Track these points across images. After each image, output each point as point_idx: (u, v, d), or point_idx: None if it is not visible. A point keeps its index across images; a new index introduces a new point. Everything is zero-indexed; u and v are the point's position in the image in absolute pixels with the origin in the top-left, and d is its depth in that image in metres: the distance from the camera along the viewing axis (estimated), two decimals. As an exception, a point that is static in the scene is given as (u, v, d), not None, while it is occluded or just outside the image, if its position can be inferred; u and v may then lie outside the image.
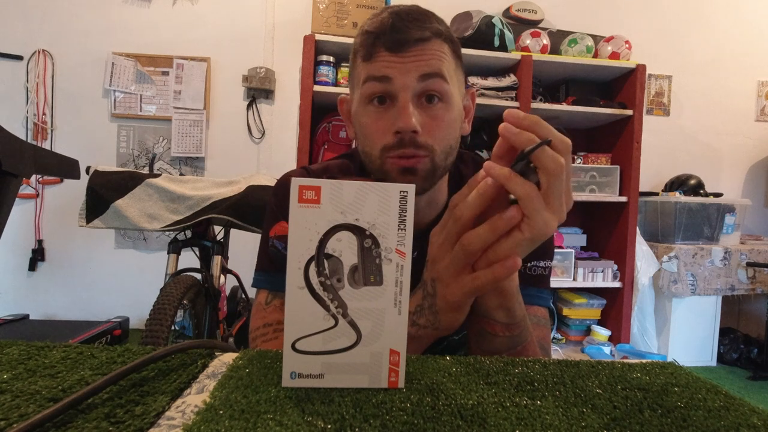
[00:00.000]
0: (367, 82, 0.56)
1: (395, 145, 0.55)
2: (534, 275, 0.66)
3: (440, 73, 0.55)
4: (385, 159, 0.57)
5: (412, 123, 0.53)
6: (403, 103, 0.54)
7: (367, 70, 0.56)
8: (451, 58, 0.58)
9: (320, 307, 0.35)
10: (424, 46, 0.55)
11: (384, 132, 0.56)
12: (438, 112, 0.56)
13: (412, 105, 0.55)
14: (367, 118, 0.58)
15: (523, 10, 2.62)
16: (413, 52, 0.55)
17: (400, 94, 0.55)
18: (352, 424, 0.29)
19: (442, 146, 0.57)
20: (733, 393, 0.38)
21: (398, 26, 0.54)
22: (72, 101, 2.54)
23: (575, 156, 2.43)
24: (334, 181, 0.35)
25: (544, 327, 0.65)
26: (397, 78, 0.54)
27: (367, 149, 0.59)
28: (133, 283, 2.56)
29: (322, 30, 2.18)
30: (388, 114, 0.56)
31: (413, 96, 0.55)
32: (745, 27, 2.97)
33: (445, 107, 0.57)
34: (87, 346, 0.43)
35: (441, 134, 0.57)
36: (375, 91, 0.56)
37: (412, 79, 0.54)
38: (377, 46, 0.55)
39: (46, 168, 0.82)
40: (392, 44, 0.54)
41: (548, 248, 0.68)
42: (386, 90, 0.56)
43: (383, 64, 0.55)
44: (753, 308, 2.77)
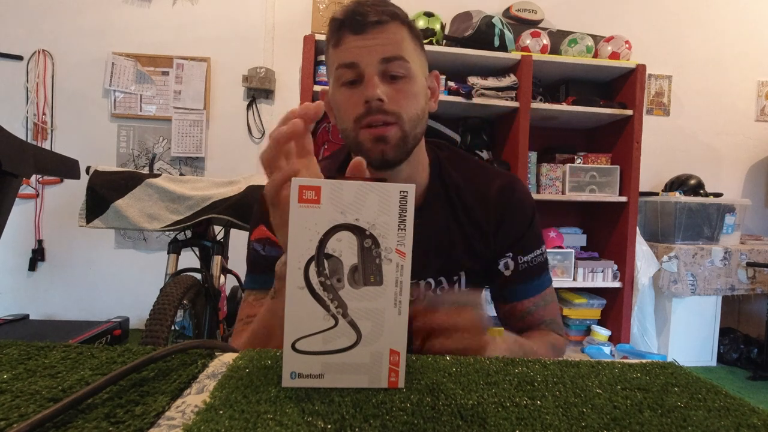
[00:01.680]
0: (338, 69, 0.63)
1: (364, 114, 0.61)
2: (532, 267, 0.72)
3: (400, 56, 0.62)
4: (358, 130, 0.62)
5: (376, 92, 0.60)
6: (368, 77, 0.61)
7: (337, 56, 0.63)
8: (410, 39, 0.64)
9: (320, 307, 0.35)
10: (383, 27, 0.61)
11: (355, 105, 0.62)
12: (401, 86, 0.62)
13: (378, 80, 0.61)
14: (340, 98, 0.64)
15: (523, 10, 2.61)
16: (373, 33, 0.61)
17: (366, 72, 0.61)
18: (352, 424, 0.29)
19: (409, 114, 0.63)
20: (733, 393, 0.38)
21: (359, 10, 0.61)
22: (72, 101, 2.54)
23: (575, 156, 2.43)
24: (334, 181, 0.35)
25: (552, 303, 0.74)
26: (362, 61, 0.61)
27: (343, 125, 0.65)
28: (133, 283, 2.56)
29: (322, 30, 2.18)
30: (357, 91, 0.62)
31: (378, 74, 0.61)
32: (745, 27, 2.97)
33: (407, 81, 0.63)
34: (87, 346, 0.43)
35: (407, 103, 0.62)
36: (345, 75, 0.62)
37: (375, 61, 0.61)
38: (343, 30, 0.62)
39: (46, 168, 0.82)
40: (355, 27, 0.61)
41: (534, 238, 0.73)
42: (355, 73, 0.62)
43: (349, 49, 0.61)
44: (753, 308, 2.77)
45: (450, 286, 0.72)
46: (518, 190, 0.73)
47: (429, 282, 0.71)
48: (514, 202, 0.72)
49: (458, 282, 0.72)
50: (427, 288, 0.71)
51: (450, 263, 0.71)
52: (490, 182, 0.73)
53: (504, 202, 0.71)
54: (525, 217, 0.72)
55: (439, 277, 0.71)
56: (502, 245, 0.72)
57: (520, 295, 0.72)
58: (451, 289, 0.72)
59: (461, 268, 0.72)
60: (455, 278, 0.72)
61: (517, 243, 0.72)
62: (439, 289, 0.71)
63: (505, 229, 0.72)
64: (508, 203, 0.71)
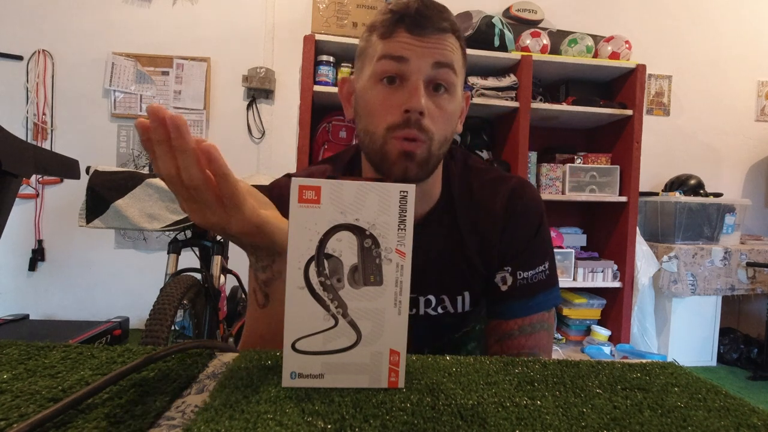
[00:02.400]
0: (383, 59, 0.57)
1: (401, 124, 0.56)
2: (531, 284, 0.66)
3: (452, 65, 0.57)
4: (388, 138, 0.57)
5: (421, 104, 0.55)
6: (415, 84, 0.56)
7: (385, 47, 0.57)
8: (460, 55, 0.60)
9: (320, 307, 0.35)
10: (442, 36, 0.57)
11: (391, 110, 0.57)
12: (443, 102, 0.58)
13: (423, 88, 0.56)
14: (375, 95, 0.58)
15: (523, 10, 2.61)
16: (432, 39, 0.56)
17: (413, 76, 0.56)
18: (352, 424, 0.29)
19: (440, 135, 0.58)
20: (733, 393, 0.38)
21: (423, 12, 0.56)
22: (72, 101, 2.53)
23: (575, 156, 2.43)
24: (334, 181, 0.35)
25: (540, 332, 0.65)
26: (413, 60, 0.56)
27: (371, 127, 0.59)
28: (133, 283, 2.56)
29: (322, 30, 2.18)
30: (397, 94, 0.57)
31: (424, 81, 0.56)
32: (745, 27, 2.97)
33: (449, 98, 0.59)
34: (87, 346, 0.43)
35: (442, 122, 0.58)
36: (389, 69, 0.57)
37: (427, 64, 0.56)
38: (399, 25, 0.57)
39: (46, 168, 0.82)
40: (414, 27, 0.56)
41: (538, 252, 0.67)
42: (400, 70, 0.56)
43: (402, 44, 0.56)
44: (753, 308, 2.77)
45: (452, 304, 0.68)
46: (526, 195, 0.67)
47: (429, 299, 0.67)
48: (519, 207, 0.66)
49: (462, 302, 0.68)
50: (427, 305, 0.68)
51: (452, 281, 0.67)
52: (498, 190, 0.67)
53: (510, 207, 0.66)
54: (530, 224, 0.66)
55: (441, 294, 0.67)
56: (502, 256, 0.66)
57: (508, 313, 0.65)
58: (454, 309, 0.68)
59: (464, 287, 0.68)
60: (458, 297, 0.68)
61: (520, 255, 0.66)
62: (440, 307, 0.68)
63: (508, 238, 0.66)
64: (513, 208, 0.66)
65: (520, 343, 0.65)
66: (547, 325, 0.66)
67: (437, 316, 0.68)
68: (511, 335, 0.65)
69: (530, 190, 0.68)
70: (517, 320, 0.65)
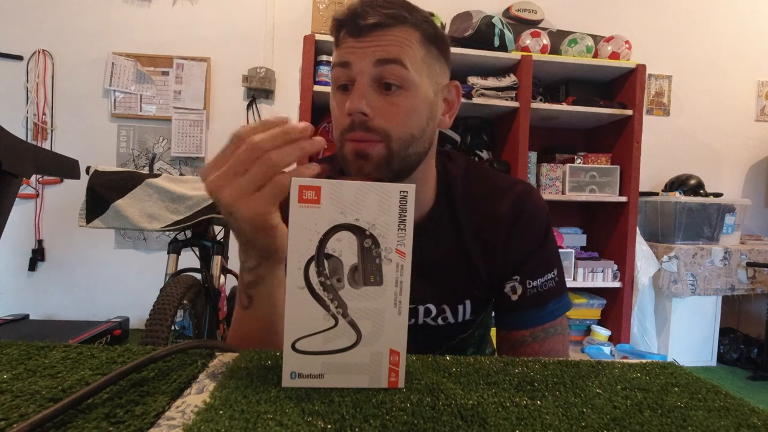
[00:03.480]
0: (335, 68, 0.58)
1: (348, 128, 0.56)
2: (542, 292, 0.64)
3: (398, 60, 0.55)
4: (343, 142, 0.57)
5: (358, 105, 0.54)
6: (356, 86, 0.55)
7: (335, 56, 0.58)
8: (419, 46, 0.57)
9: (320, 307, 0.35)
10: (383, 32, 0.55)
11: (343, 115, 0.57)
12: (395, 99, 0.56)
13: (367, 89, 0.55)
14: (333, 103, 0.59)
15: (523, 10, 2.61)
16: (371, 37, 0.55)
17: (357, 78, 0.55)
18: (352, 424, 0.29)
19: (399, 133, 0.56)
20: (733, 393, 0.38)
21: (359, 12, 0.55)
22: (72, 101, 2.53)
23: (575, 156, 2.43)
24: (334, 181, 0.35)
25: (555, 336, 0.65)
26: (354, 63, 0.55)
27: (335, 134, 0.60)
28: (133, 283, 2.56)
29: (322, 30, 2.18)
30: (347, 99, 0.56)
31: (370, 81, 0.55)
32: (745, 27, 2.97)
33: (404, 94, 0.56)
34: (87, 346, 0.43)
35: (398, 121, 0.56)
36: (339, 76, 0.57)
37: (367, 63, 0.55)
38: (342, 32, 0.57)
39: (46, 168, 0.82)
40: (352, 29, 0.56)
41: (546, 259, 0.66)
42: (347, 75, 0.56)
43: (346, 49, 0.56)
44: (753, 308, 2.77)
45: (453, 313, 0.66)
46: (532, 201, 0.65)
47: (429, 308, 0.65)
48: (525, 214, 0.64)
49: (463, 310, 0.66)
50: (427, 314, 0.66)
51: (453, 289, 0.65)
52: (502, 195, 0.65)
53: (515, 214, 0.64)
54: (537, 231, 0.65)
55: (442, 304, 0.65)
56: (510, 265, 0.64)
57: (522, 323, 0.64)
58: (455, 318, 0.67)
59: (466, 295, 0.66)
60: (459, 306, 0.66)
61: (527, 263, 0.64)
62: (441, 318, 0.66)
63: (514, 245, 0.64)
64: (519, 215, 0.64)
65: (535, 350, 0.63)
66: (561, 328, 0.65)
67: (437, 326, 0.67)
68: (523, 342, 0.64)
69: (536, 196, 0.67)
70: (530, 329, 0.64)
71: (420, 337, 0.67)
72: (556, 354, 0.64)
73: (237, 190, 0.40)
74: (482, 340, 0.80)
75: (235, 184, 0.40)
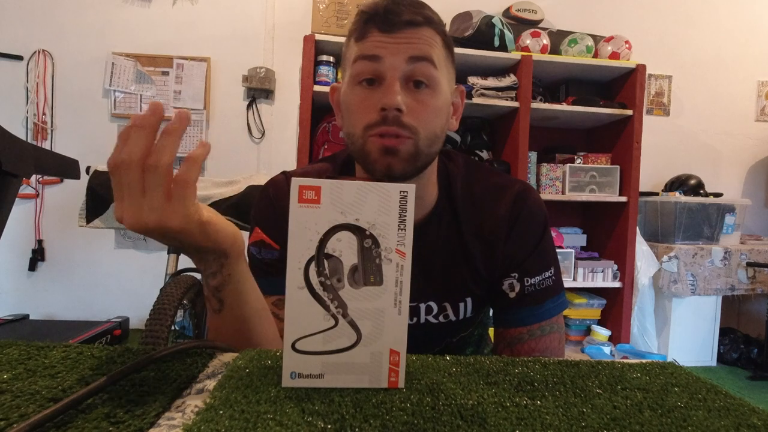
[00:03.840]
0: (358, 61, 0.57)
1: (378, 122, 0.55)
2: (539, 290, 0.65)
3: (429, 58, 0.56)
4: (367, 138, 0.56)
5: (396, 100, 0.54)
6: (390, 81, 0.55)
7: (359, 49, 0.57)
8: (442, 47, 0.58)
9: (320, 307, 0.35)
10: (415, 30, 0.56)
11: (369, 110, 0.56)
12: (424, 97, 0.56)
13: (399, 86, 0.55)
14: (353, 97, 0.58)
15: (523, 10, 2.61)
16: (404, 34, 0.55)
17: (387, 73, 0.55)
18: (352, 424, 0.29)
19: (426, 131, 0.56)
20: (733, 393, 0.38)
21: (391, 8, 0.55)
22: (72, 101, 2.53)
23: (575, 156, 2.43)
24: (334, 181, 0.35)
25: (551, 334, 0.65)
26: (386, 57, 0.55)
27: (351, 129, 0.58)
28: (133, 283, 2.56)
29: (322, 30, 2.18)
30: (375, 94, 0.56)
31: (401, 78, 0.55)
32: (745, 27, 2.97)
33: (432, 93, 0.57)
34: (87, 346, 0.43)
35: (426, 118, 0.56)
36: (364, 70, 0.56)
37: (401, 60, 0.55)
38: (369, 25, 0.56)
39: (46, 168, 0.82)
40: (384, 24, 0.55)
41: (544, 257, 0.66)
42: (375, 69, 0.56)
43: (374, 43, 0.56)
44: (753, 308, 2.77)
45: (455, 311, 0.67)
46: (530, 200, 0.66)
47: (430, 305, 0.66)
48: (524, 212, 0.65)
49: (464, 308, 0.67)
50: (428, 312, 0.66)
51: (454, 287, 0.66)
52: (502, 194, 0.66)
53: (514, 212, 0.65)
54: (535, 229, 0.66)
55: (443, 302, 0.66)
56: (508, 262, 0.65)
57: (519, 320, 0.65)
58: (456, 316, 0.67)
59: (467, 293, 0.66)
60: (460, 303, 0.67)
61: (525, 261, 0.65)
62: (442, 316, 0.67)
63: (513, 243, 0.65)
64: (518, 214, 0.65)
65: (530, 347, 0.64)
66: (557, 326, 0.65)
67: (438, 324, 0.67)
68: (520, 339, 0.64)
69: (534, 194, 0.68)
70: (526, 327, 0.64)
71: (421, 334, 0.67)
72: (552, 352, 0.65)
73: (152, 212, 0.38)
74: (481, 339, 0.81)
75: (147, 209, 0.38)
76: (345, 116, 0.60)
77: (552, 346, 0.64)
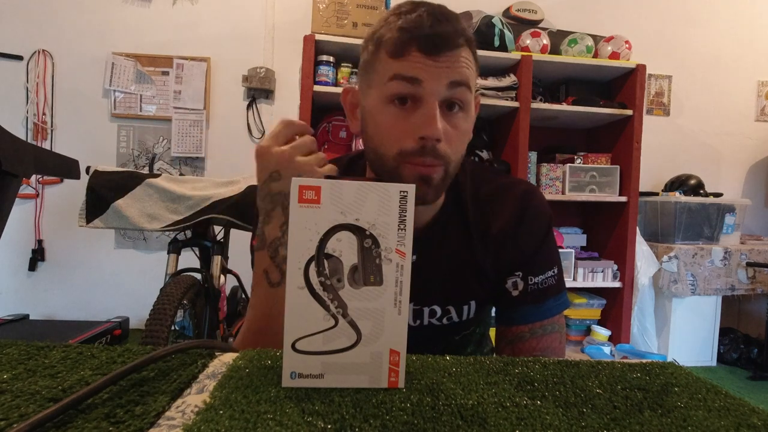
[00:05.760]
0: (394, 81, 0.54)
1: (416, 152, 0.53)
2: (542, 289, 0.65)
3: (467, 83, 0.55)
4: (401, 163, 0.55)
5: (438, 131, 0.52)
6: (431, 109, 0.53)
7: (396, 68, 0.54)
8: (474, 68, 0.57)
9: (320, 307, 0.35)
10: (456, 52, 0.54)
11: (404, 135, 0.54)
12: (458, 122, 0.56)
13: (440, 113, 0.53)
14: (386, 118, 0.55)
15: (523, 10, 2.61)
16: (447, 57, 0.53)
17: (428, 98, 0.53)
18: (352, 424, 0.29)
19: (456, 156, 0.57)
20: (733, 393, 0.38)
21: (437, 30, 0.53)
22: (72, 101, 2.54)
23: (575, 156, 2.43)
24: (334, 181, 0.35)
25: (553, 333, 0.65)
26: (427, 81, 0.53)
27: (382, 150, 0.56)
28: (133, 283, 2.56)
29: (322, 30, 2.18)
30: (410, 117, 0.54)
31: (442, 100, 0.54)
32: (745, 27, 2.97)
33: (464, 116, 0.57)
34: (87, 346, 0.43)
35: (458, 144, 0.56)
36: (402, 91, 0.54)
37: (442, 85, 0.53)
38: (410, 45, 0.53)
39: (46, 168, 0.82)
40: (428, 46, 0.53)
41: (548, 257, 0.67)
42: (413, 91, 0.54)
43: (416, 65, 0.53)
44: (753, 308, 2.77)
45: (458, 313, 0.66)
46: (536, 199, 0.67)
47: (434, 309, 0.66)
48: (530, 212, 0.65)
49: (468, 310, 0.67)
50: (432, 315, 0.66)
51: (459, 290, 0.66)
52: (508, 195, 0.66)
53: (520, 212, 0.65)
54: (540, 229, 0.66)
55: (448, 305, 0.66)
56: (513, 261, 0.65)
57: (521, 319, 0.65)
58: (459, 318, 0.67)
59: (472, 295, 0.66)
60: (464, 306, 0.66)
61: (530, 259, 0.65)
62: (446, 318, 0.66)
63: (519, 242, 0.65)
64: (524, 213, 0.65)
65: (531, 346, 0.64)
66: (558, 326, 0.65)
67: (441, 326, 0.67)
68: (521, 338, 0.64)
69: (539, 194, 0.68)
70: (528, 325, 0.64)
71: (422, 335, 0.67)
72: (553, 351, 0.64)
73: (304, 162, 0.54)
74: (483, 338, 0.81)
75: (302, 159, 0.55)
76: (372, 134, 0.58)
77: (553, 346, 0.64)
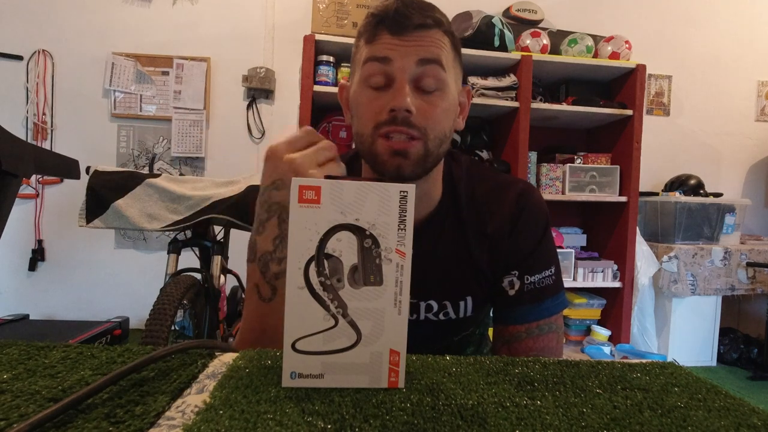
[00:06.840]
0: (368, 63, 0.57)
1: (387, 122, 0.56)
2: (539, 288, 0.65)
3: (438, 60, 0.57)
4: (376, 138, 0.57)
5: (406, 102, 0.55)
6: (399, 84, 0.56)
7: (369, 51, 0.58)
8: (450, 50, 0.59)
9: (320, 307, 0.35)
10: (424, 32, 0.56)
11: (378, 111, 0.57)
12: (433, 99, 0.57)
13: (409, 88, 0.56)
14: (363, 98, 0.59)
15: (523, 10, 2.61)
16: (414, 36, 0.56)
17: (397, 75, 0.56)
18: (352, 424, 0.29)
19: (435, 132, 0.57)
20: (733, 393, 0.38)
21: (402, 11, 0.56)
22: (72, 101, 2.53)
23: (575, 156, 2.43)
24: (334, 181, 0.35)
25: (550, 333, 0.65)
26: (396, 60, 0.56)
27: (360, 129, 0.60)
28: (133, 283, 2.56)
29: (322, 30, 2.18)
30: (384, 96, 0.57)
31: (410, 80, 0.56)
32: (745, 27, 2.97)
33: (440, 95, 0.58)
34: (87, 346, 0.43)
35: (435, 119, 0.57)
36: (374, 71, 0.57)
37: (410, 62, 0.56)
38: (380, 28, 0.57)
39: (46, 168, 0.82)
40: (394, 27, 0.56)
41: (544, 256, 0.67)
42: (385, 71, 0.57)
43: (384, 45, 0.56)
44: (753, 308, 2.77)
45: (455, 309, 0.67)
46: (532, 198, 0.67)
47: (430, 304, 0.67)
48: (526, 211, 0.66)
49: (465, 306, 0.67)
50: (428, 310, 0.67)
51: (455, 285, 0.67)
52: (505, 193, 0.67)
53: (517, 210, 0.66)
54: (537, 228, 0.66)
55: (444, 300, 0.66)
56: (509, 260, 0.66)
57: (518, 318, 0.65)
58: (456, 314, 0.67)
59: (468, 291, 0.67)
60: (460, 302, 0.67)
61: (526, 259, 0.66)
62: (442, 314, 0.67)
63: (515, 241, 0.66)
64: (520, 212, 0.66)
65: (528, 346, 0.64)
66: (556, 326, 0.65)
67: (438, 321, 0.68)
68: (518, 337, 0.64)
69: (536, 194, 0.69)
70: (525, 325, 0.64)
71: (421, 332, 0.67)
72: (550, 351, 0.64)
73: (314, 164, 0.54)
74: (482, 338, 0.81)
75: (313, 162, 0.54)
76: (354, 116, 0.62)
77: (550, 346, 0.64)
